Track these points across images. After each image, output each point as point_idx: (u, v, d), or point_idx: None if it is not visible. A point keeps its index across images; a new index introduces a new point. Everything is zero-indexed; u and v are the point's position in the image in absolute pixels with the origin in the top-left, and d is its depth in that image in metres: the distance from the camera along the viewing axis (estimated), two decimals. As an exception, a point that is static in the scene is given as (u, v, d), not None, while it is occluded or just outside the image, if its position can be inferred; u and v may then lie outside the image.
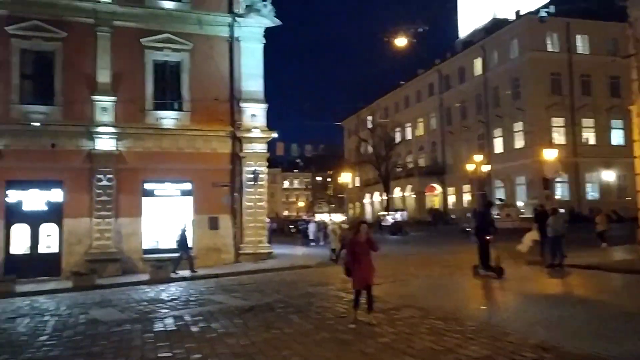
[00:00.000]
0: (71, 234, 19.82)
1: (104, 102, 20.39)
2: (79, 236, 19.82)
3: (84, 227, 19.91)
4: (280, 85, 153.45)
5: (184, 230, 19.40)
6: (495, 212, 29.19)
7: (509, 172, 44.49)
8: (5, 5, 19.55)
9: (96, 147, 20.21)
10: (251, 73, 22.37)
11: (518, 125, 44.66)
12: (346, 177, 52.21)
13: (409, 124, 62.10)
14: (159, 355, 7.86)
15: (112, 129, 20.39)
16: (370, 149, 57.92)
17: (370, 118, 62.52)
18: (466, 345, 7.34)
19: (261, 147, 22.48)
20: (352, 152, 69.51)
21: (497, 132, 47.51)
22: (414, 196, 56.88)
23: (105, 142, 20.35)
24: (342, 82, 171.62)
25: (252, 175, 21.89)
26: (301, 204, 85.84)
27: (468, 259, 15.64)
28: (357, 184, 70.64)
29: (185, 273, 18.54)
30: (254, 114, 22.32)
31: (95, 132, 20.17)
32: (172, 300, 13.36)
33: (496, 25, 51.24)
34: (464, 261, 16.21)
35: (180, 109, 21.65)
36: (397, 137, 59.48)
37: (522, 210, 37.87)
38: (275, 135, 23.10)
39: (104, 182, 20.12)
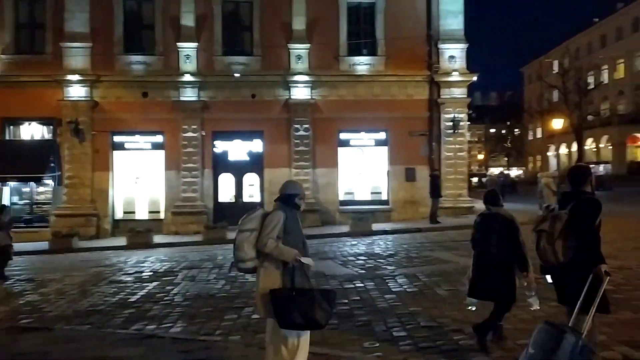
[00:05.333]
0: (272, 183, 19.92)
1: (299, 50, 19.97)
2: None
3: (284, 177, 19.81)
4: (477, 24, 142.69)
5: (435, 176, 18.90)
6: None
7: None
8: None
9: (292, 97, 19.96)
10: (450, 10, 20.28)
11: None
12: (557, 124, 45.66)
13: (606, 67, 54.30)
14: (422, 324, 6.73)
15: (307, 77, 19.98)
16: (556, 97, 51.75)
17: (557, 62, 55.76)
18: None
19: (460, 92, 20.54)
20: (533, 101, 63.23)
21: None
22: (611, 148, 50.07)
23: (300, 91, 20.02)
24: (526, 23, 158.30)
25: (451, 123, 20.10)
26: (480, 157, 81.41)
27: None
28: (539, 135, 64.48)
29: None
30: (453, 55, 20.34)
31: (291, 80, 19.89)
32: (390, 255, 12.42)
33: None
34: None
35: (374, 54, 20.47)
36: (591, 82, 52.31)
37: None
38: (475, 78, 20.90)
39: (301, 132, 19.90)
